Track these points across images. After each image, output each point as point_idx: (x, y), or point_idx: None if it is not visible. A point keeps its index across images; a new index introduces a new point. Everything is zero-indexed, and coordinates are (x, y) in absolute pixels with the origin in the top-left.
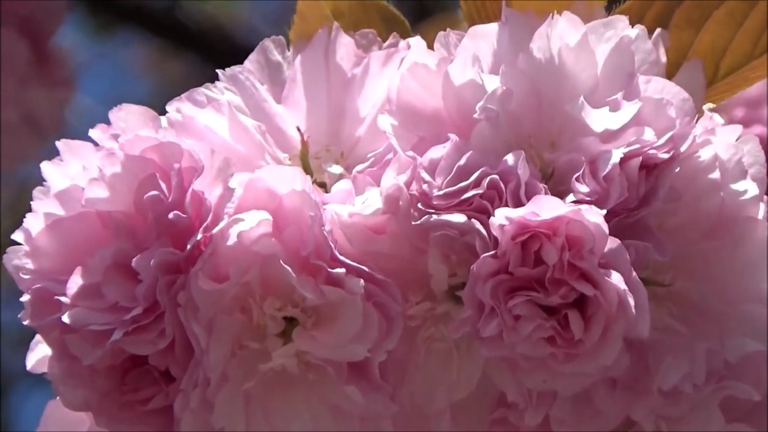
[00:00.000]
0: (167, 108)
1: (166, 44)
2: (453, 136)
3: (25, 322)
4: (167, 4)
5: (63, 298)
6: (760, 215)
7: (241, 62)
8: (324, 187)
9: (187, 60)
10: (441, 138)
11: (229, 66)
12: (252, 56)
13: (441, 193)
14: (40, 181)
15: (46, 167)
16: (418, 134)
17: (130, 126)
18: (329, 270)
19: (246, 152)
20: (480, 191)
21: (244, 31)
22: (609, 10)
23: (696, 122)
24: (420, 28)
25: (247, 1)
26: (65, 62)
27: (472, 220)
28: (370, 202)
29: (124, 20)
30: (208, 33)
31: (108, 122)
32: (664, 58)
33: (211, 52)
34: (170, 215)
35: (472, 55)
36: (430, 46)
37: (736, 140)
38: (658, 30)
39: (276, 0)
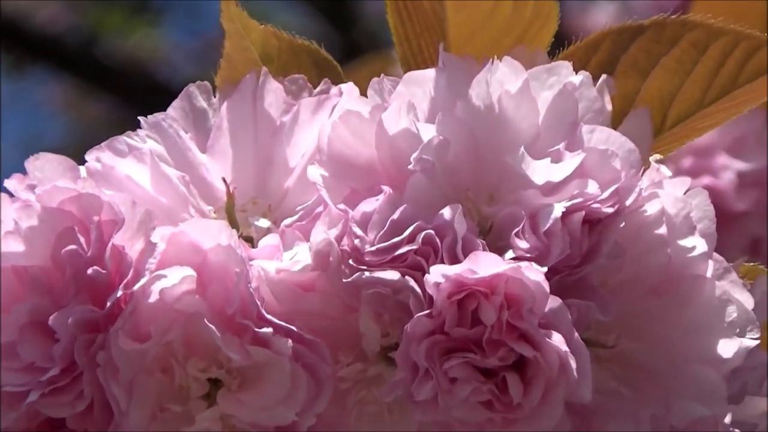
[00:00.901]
0: (86, 157)
1: (83, 82)
2: (386, 189)
3: None
4: (84, 41)
5: None
6: (709, 273)
7: (161, 101)
8: (251, 241)
9: (106, 99)
10: (374, 190)
11: (149, 105)
12: (176, 103)
13: (373, 248)
14: None
15: None
16: (350, 186)
17: (48, 176)
18: (256, 329)
19: (169, 204)
20: (414, 247)
21: (164, 69)
22: (552, 55)
23: (642, 174)
24: (351, 66)
25: (167, 38)
26: None
27: (406, 277)
28: (299, 258)
29: (39, 58)
30: (126, 71)
31: (22, 164)
32: (609, 106)
33: (130, 90)
34: (89, 271)
35: (407, 103)
36: (362, 86)
37: (685, 194)
38: (603, 76)
39: (196, 37)
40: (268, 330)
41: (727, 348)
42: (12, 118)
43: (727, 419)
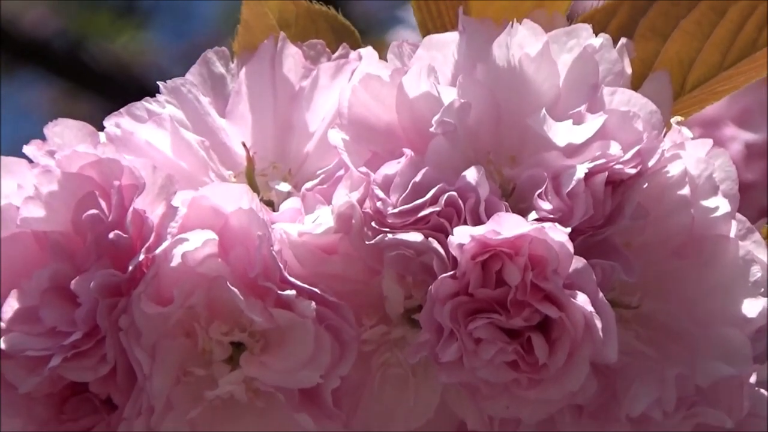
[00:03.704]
0: (105, 123)
1: (70, 86)
2: (408, 151)
3: None
4: (71, 45)
5: None
6: (732, 233)
7: None
8: (271, 205)
9: (93, 102)
10: (395, 153)
11: None
12: (194, 68)
13: (396, 210)
14: None
15: None
16: (371, 149)
17: (67, 142)
18: (279, 292)
19: (189, 169)
20: (437, 209)
21: (151, 72)
22: (571, 19)
23: (664, 136)
24: None
25: (154, 41)
26: None
27: (429, 239)
28: (321, 221)
29: (26, 61)
30: (113, 74)
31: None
32: (629, 70)
33: (116, 93)
34: (110, 235)
35: (428, 66)
36: None
37: (707, 155)
38: (622, 40)
39: (183, 39)
40: (291, 292)
41: (752, 308)
42: (2, 119)
43: (753, 379)
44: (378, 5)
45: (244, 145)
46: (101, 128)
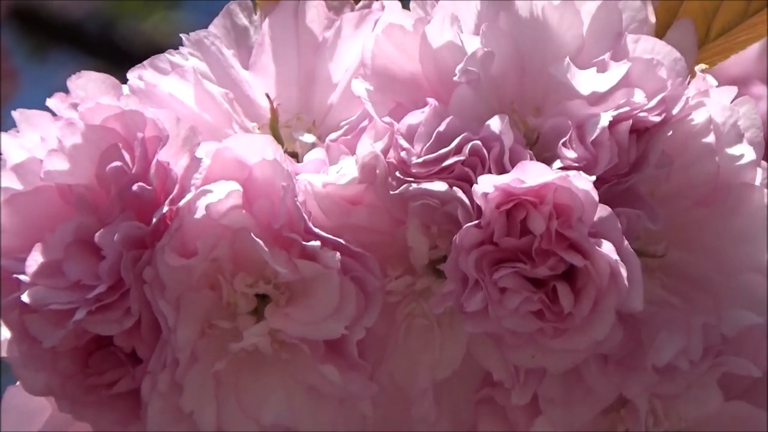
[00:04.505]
0: (128, 75)
1: (101, 66)
2: (432, 101)
3: None
4: (102, 26)
5: (22, 277)
6: (757, 181)
7: None
8: (296, 157)
9: (124, 82)
10: (419, 103)
11: None
12: (217, 20)
13: (420, 160)
14: None
15: (2, 139)
16: (394, 99)
17: (90, 94)
18: (303, 243)
19: (213, 121)
20: (461, 158)
21: None
22: None
23: (688, 84)
24: None
25: (185, 21)
26: (7, 56)
27: (454, 188)
28: (346, 172)
29: (59, 42)
30: (144, 54)
31: None
32: (653, 18)
33: None
34: (134, 187)
35: (451, 15)
36: None
37: (731, 102)
38: None
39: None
40: (316, 243)
41: None
42: (34, 102)
43: None
44: None
45: (268, 96)
46: None
